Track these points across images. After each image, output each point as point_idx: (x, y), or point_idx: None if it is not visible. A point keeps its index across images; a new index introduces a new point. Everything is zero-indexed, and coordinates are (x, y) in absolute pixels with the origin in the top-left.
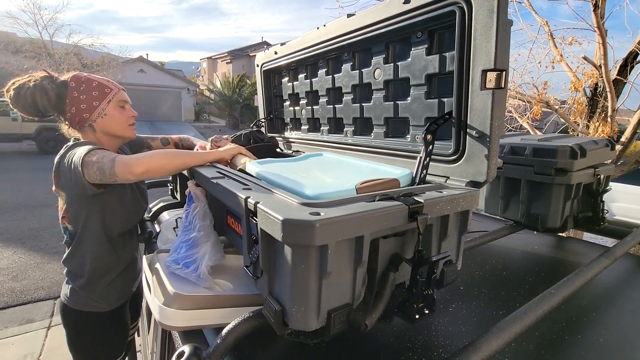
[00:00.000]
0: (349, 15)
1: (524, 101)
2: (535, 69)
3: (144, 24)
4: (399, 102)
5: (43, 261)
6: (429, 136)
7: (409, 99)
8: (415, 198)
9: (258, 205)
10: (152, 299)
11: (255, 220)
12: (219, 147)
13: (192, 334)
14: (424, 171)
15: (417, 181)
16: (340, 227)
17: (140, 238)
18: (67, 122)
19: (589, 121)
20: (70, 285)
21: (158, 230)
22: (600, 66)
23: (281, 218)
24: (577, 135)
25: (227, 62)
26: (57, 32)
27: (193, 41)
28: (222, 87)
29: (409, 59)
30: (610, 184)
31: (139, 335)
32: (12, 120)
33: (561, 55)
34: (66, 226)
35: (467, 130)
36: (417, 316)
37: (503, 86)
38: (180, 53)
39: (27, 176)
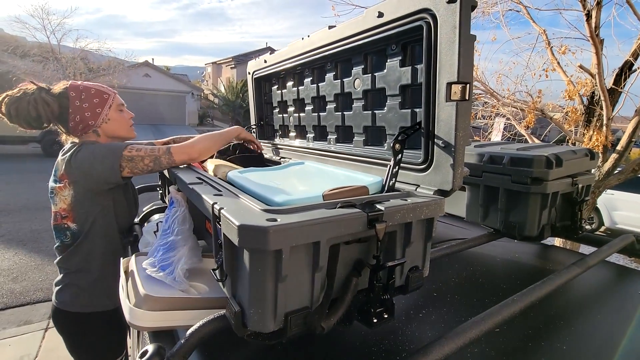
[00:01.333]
0: (330, 27)
1: (517, 108)
2: (530, 77)
3: (150, 29)
4: (376, 112)
5: (43, 263)
6: (397, 145)
7: (385, 108)
8: (377, 206)
9: (221, 210)
10: (124, 300)
11: (220, 225)
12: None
13: (163, 335)
14: (393, 179)
15: (386, 189)
16: (294, 233)
17: (126, 241)
18: (67, 130)
19: (585, 129)
20: (70, 289)
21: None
22: (595, 75)
23: (237, 223)
24: (575, 143)
25: (231, 67)
26: (64, 36)
27: (199, 46)
28: (226, 91)
29: (385, 70)
30: (613, 192)
31: (130, 337)
32: None
33: (558, 63)
34: (68, 226)
35: (435, 140)
36: (375, 320)
37: (467, 98)
38: (186, 58)
39: (31, 178)
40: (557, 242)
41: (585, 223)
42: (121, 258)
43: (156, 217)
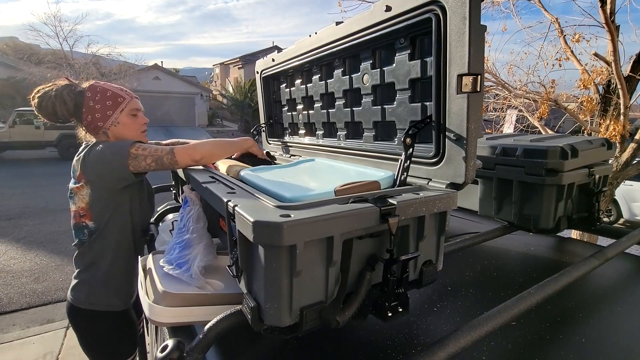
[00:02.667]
0: (337, 23)
1: (529, 99)
2: (543, 68)
3: (159, 32)
4: (385, 106)
5: (63, 263)
6: (408, 139)
7: (394, 103)
8: (389, 200)
9: (235, 208)
10: (143, 296)
11: (234, 222)
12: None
13: (181, 330)
14: (405, 173)
15: (398, 183)
16: (308, 228)
17: (143, 240)
18: (84, 128)
19: (601, 119)
20: (83, 286)
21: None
22: (611, 63)
23: (252, 220)
24: (590, 134)
25: (238, 68)
26: (76, 43)
27: (206, 48)
28: (234, 92)
29: (394, 65)
30: (632, 183)
31: (148, 334)
32: (35, 129)
33: (572, 52)
34: (86, 224)
35: (446, 133)
36: (389, 314)
37: (479, 90)
38: (194, 60)
39: (49, 182)
40: (574, 234)
41: (603, 215)
42: (137, 257)
43: (170, 216)
